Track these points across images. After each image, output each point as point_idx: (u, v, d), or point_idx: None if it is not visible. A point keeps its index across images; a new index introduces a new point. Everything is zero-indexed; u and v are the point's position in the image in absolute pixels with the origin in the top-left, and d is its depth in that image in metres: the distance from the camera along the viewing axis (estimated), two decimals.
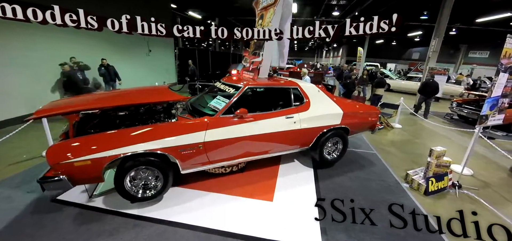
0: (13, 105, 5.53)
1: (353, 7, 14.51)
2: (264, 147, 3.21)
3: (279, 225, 2.49)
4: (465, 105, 7.52)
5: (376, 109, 4.32)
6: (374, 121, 4.11)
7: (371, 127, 4.15)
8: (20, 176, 3.29)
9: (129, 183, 2.56)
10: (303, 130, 3.33)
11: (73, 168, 2.20)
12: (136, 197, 2.62)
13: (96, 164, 2.26)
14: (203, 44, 30.75)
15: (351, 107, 3.84)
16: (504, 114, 3.59)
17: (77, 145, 2.29)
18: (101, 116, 3.00)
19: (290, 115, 3.24)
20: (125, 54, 9.04)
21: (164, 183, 2.67)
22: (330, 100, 3.65)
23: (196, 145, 2.62)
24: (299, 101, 3.48)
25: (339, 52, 38.63)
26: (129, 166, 2.43)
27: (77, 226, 2.38)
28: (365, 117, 4.01)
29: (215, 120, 2.78)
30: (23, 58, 5.71)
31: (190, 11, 16.70)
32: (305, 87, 3.56)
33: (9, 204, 2.69)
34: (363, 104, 4.67)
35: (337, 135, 3.69)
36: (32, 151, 4.05)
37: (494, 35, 17.97)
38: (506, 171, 4.21)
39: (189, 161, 2.70)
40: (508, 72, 3.21)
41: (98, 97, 3.36)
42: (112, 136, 2.41)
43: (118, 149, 2.31)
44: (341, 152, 3.87)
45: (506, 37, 3.11)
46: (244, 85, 3.10)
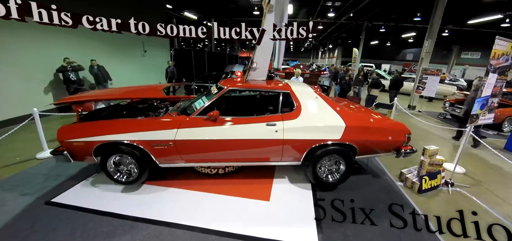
0: (5, 107, 5.44)
1: (348, 8, 14.67)
2: (242, 154, 2.95)
3: (276, 225, 2.51)
4: (457, 105, 7.66)
5: (402, 126, 3.25)
6: (397, 142, 3.17)
7: (394, 149, 3.24)
8: (13, 178, 3.24)
9: (112, 166, 2.96)
10: (287, 141, 2.88)
11: (72, 146, 2.77)
12: (115, 179, 2.99)
13: (88, 146, 2.74)
14: (199, 45, 30.64)
15: (360, 121, 3.11)
16: (494, 114, 3.68)
17: (76, 129, 2.82)
18: (110, 109, 3.57)
19: (272, 123, 2.86)
20: (121, 55, 8.97)
21: (139, 172, 2.95)
22: (330, 110, 3.03)
23: (167, 141, 2.77)
24: (289, 108, 3.05)
25: (335, 53, 38.95)
26: (108, 153, 2.83)
27: (73, 228, 2.36)
28: (382, 135, 3.10)
29: (189, 120, 2.83)
30: (16, 59, 5.62)
31: (186, 11, 16.67)
32: (299, 92, 3.09)
33: (2, 207, 2.65)
34: (384, 118, 3.56)
35: (337, 153, 3.02)
36: (25, 153, 4.00)
37: (485, 37, 18.38)
38: (498, 169, 4.32)
39: (163, 156, 2.88)
40: (497, 72, 3.29)
41: (109, 92, 4.05)
42: (102, 124, 2.84)
43: (103, 136, 2.72)
44: (343, 175, 3.15)
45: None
46: (227, 87, 3.04)
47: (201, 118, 2.82)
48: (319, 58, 48.24)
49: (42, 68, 6.21)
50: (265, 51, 3.43)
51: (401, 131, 3.20)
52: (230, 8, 15.57)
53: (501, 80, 3.42)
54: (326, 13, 15.93)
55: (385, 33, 23.13)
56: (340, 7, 14.67)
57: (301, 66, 18.61)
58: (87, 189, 3.06)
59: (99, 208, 2.66)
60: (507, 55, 3.26)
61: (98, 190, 3.03)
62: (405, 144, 3.22)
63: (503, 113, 6.57)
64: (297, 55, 48.87)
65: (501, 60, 3.25)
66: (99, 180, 3.25)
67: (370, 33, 22.25)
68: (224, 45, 29.44)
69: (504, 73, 3.41)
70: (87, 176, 3.31)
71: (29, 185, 3.09)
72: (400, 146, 3.19)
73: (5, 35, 5.36)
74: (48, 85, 6.40)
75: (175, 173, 3.41)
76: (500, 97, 3.70)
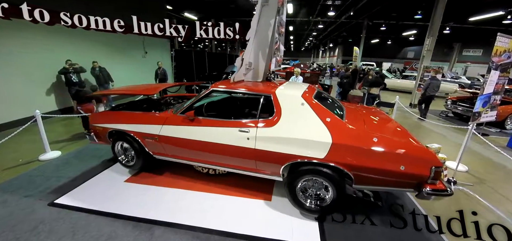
0: (8, 109, 5.47)
1: (348, 7, 14.65)
2: (216, 158, 2.84)
3: (279, 224, 2.51)
4: (459, 103, 7.63)
5: (425, 152, 2.24)
6: (414, 176, 2.16)
7: (412, 185, 2.22)
8: (16, 180, 3.26)
9: (119, 149, 3.42)
10: (259, 152, 2.52)
11: (95, 130, 3.45)
12: (119, 160, 3.46)
13: (104, 131, 3.32)
14: (199, 46, 30.67)
15: (354, 138, 2.29)
16: (496, 111, 3.66)
17: (100, 116, 3.51)
18: (136, 102, 4.14)
19: (244, 129, 2.57)
20: (121, 56, 9.02)
21: (136, 159, 3.30)
22: (317, 120, 2.42)
23: (153, 135, 2.99)
24: (268, 114, 2.64)
25: (335, 52, 38.89)
26: (116, 138, 3.31)
27: (74, 230, 2.37)
28: (389, 163, 2.17)
29: (172, 118, 2.94)
30: (19, 61, 5.66)
31: (186, 12, 16.71)
32: (282, 96, 2.65)
33: (5, 209, 2.66)
34: (405, 134, 2.63)
35: (320, 174, 2.39)
36: (28, 155, 4.02)
37: (487, 34, 18.28)
38: (501, 167, 4.29)
39: (153, 149, 3.16)
40: (499, 70, 3.28)
41: (125, 88, 4.52)
42: (116, 114, 3.36)
43: (113, 124, 3.23)
44: (332, 203, 2.49)
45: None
46: (210, 88, 3.03)
47: (181, 117, 2.89)
48: (319, 57, 48.18)
49: (44, 70, 6.25)
50: (260, 49, 3.21)
51: (422, 159, 2.16)
52: (230, 8, 15.58)
53: (503, 78, 3.40)
54: (326, 12, 15.92)
55: (386, 31, 23.10)
56: (340, 6, 14.65)
57: (302, 66, 18.59)
58: (90, 190, 3.07)
59: (102, 209, 2.67)
60: (509, 52, 3.24)
61: (100, 191, 3.04)
62: (431, 180, 2.14)
63: (506, 111, 6.54)
64: (297, 54, 48.84)
65: (503, 57, 3.23)
66: (102, 181, 3.27)
67: (371, 32, 22.23)
68: (225, 45, 29.45)
69: (506, 70, 3.39)
70: (89, 177, 3.33)
71: (32, 186, 3.10)
72: (422, 181, 2.17)
73: (7, 38, 5.40)
74: (50, 87, 6.44)
75: (176, 173, 3.43)
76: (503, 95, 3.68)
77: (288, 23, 21.41)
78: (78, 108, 4.73)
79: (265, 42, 3.20)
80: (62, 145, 4.45)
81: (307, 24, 23.35)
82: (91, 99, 4.89)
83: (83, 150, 4.28)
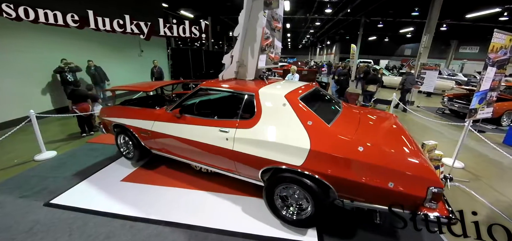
0: (3, 109, 5.39)
1: (345, 5, 14.63)
2: (200, 156, 2.82)
3: (277, 222, 2.51)
4: (456, 100, 7.68)
5: (423, 168, 1.88)
6: (408, 196, 1.84)
7: (406, 207, 1.89)
8: (12, 181, 3.22)
9: (121, 142, 3.65)
10: (237, 154, 2.41)
11: (103, 122, 3.76)
12: (121, 151, 3.70)
13: (108, 123, 3.60)
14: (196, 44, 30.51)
15: (335, 147, 2.03)
16: (493, 108, 3.68)
17: (108, 110, 3.72)
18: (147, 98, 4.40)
19: (224, 129, 2.49)
20: (117, 55, 8.94)
21: (134, 151, 3.47)
22: (297, 123, 2.21)
23: (146, 130, 3.12)
24: (250, 114, 2.49)
25: (333, 49, 38.91)
26: (119, 131, 3.53)
27: (71, 230, 2.35)
28: (376, 178, 1.88)
29: (163, 114, 3.02)
30: (13, 60, 5.58)
31: (182, 10, 16.59)
32: (265, 95, 2.50)
33: (1, 209, 2.63)
34: (404, 144, 2.26)
35: (297, 183, 2.19)
36: (23, 155, 3.97)
37: (483, 31, 18.38)
38: (497, 163, 4.33)
39: (148, 143, 3.27)
40: (496, 66, 3.29)
41: (134, 85, 4.69)
42: (119, 109, 3.56)
43: (116, 118, 3.44)
44: (310, 218, 2.28)
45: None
46: (199, 86, 3.04)
47: (170, 114, 2.94)
48: (317, 55, 48.19)
49: (40, 70, 6.16)
50: (250, 46, 3.12)
51: (416, 177, 1.82)
52: (226, 6, 15.48)
53: (499, 74, 3.42)
54: (323, 9, 15.89)
55: (383, 28, 23.11)
56: (337, 3, 14.62)
57: (299, 63, 18.56)
58: (86, 189, 3.04)
59: (99, 209, 2.65)
60: (506, 49, 3.26)
61: (97, 190, 3.01)
62: (428, 203, 1.83)
63: (502, 107, 6.59)
64: (295, 52, 48.83)
65: (499, 54, 3.25)
66: (98, 180, 3.24)
67: (368, 29, 22.25)
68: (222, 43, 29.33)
69: (503, 67, 3.41)
70: (86, 177, 3.30)
71: (28, 187, 3.07)
72: (418, 204, 1.86)
73: (1, 37, 5.31)
74: (45, 87, 6.36)
75: (173, 172, 3.41)
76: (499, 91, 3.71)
77: (285, 21, 21.33)
78: (74, 108, 4.69)
79: (255, 38, 3.10)
80: (58, 145, 4.41)
81: (305, 22, 23.31)
82: (86, 98, 4.85)
83: (79, 150, 4.24)
